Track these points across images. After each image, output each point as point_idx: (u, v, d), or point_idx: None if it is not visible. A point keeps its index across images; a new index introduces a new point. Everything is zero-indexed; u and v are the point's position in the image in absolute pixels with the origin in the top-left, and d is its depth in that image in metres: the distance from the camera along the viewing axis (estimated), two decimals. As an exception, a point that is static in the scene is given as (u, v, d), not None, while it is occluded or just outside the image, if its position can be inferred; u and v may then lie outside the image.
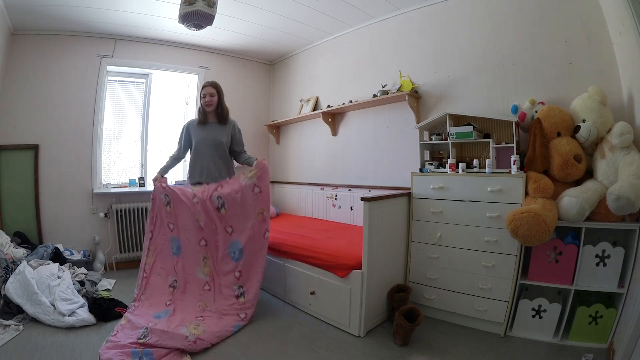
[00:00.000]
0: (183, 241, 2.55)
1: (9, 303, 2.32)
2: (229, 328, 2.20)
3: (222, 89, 2.70)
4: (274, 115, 4.66)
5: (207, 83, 2.68)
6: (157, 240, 2.60)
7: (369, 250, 2.19)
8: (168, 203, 2.56)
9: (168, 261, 2.56)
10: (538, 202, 1.97)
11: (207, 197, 2.46)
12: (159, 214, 2.60)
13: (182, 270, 2.52)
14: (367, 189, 3.32)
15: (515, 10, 2.45)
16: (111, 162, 3.82)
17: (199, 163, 2.65)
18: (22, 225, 3.21)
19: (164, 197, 2.56)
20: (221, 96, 2.68)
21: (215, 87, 2.64)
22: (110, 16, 3.13)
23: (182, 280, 2.51)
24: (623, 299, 1.84)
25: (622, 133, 1.83)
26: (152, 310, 2.34)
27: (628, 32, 1.81)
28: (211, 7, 2.40)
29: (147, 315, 2.28)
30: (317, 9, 3.15)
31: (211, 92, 2.62)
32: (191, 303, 2.40)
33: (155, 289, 2.50)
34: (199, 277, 2.50)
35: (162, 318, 2.23)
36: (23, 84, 3.23)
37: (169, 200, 2.55)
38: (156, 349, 1.91)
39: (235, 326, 2.24)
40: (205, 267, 2.50)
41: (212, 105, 2.62)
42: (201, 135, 2.64)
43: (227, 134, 2.70)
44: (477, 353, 1.98)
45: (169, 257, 2.56)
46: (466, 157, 2.61)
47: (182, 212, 2.53)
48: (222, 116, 2.68)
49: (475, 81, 2.66)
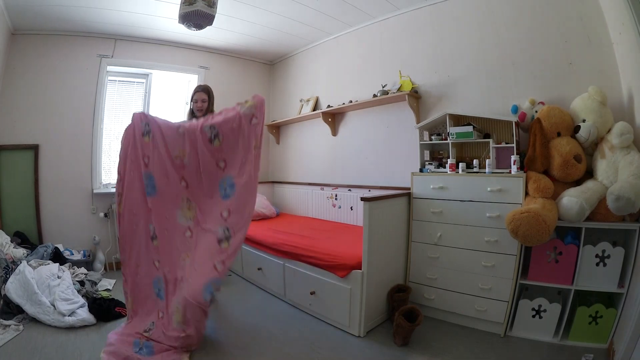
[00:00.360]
0: (159, 178, 2.18)
1: (9, 303, 2.32)
2: (199, 295, 1.88)
3: (214, 93, 2.69)
4: (274, 115, 4.66)
5: (200, 88, 2.66)
6: (127, 179, 2.23)
7: (369, 250, 2.19)
8: (147, 133, 2.22)
9: (141, 203, 2.20)
10: (538, 202, 1.97)
11: (198, 127, 2.11)
12: (133, 146, 2.25)
13: (159, 216, 2.17)
14: (367, 189, 3.32)
15: (515, 10, 2.45)
16: (111, 162, 3.82)
17: None
18: (22, 225, 3.21)
19: (144, 126, 2.23)
20: (211, 101, 2.67)
21: (207, 93, 2.63)
22: (110, 16, 3.13)
23: (159, 228, 2.16)
24: (623, 299, 1.84)
25: (622, 133, 1.83)
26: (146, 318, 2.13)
27: (628, 32, 1.81)
28: (211, 7, 2.41)
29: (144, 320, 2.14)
30: (317, 9, 3.15)
31: (202, 98, 2.61)
32: (174, 259, 2.10)
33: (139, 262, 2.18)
34: (179, 222, 2.16)
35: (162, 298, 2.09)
36: (23, 84, 3.23)
37: (149, 130, 2.22)
38: (157, 343, 1.93)
39: (206, 287, 1.88)
40: (189, 211, 2.16)
41: (203, 111, 2.62)
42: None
43: None
44: (477, 353, 1.98)
45: (141, 197, 2.20)
46: (466, 157, 2.61)
47: (163, 147, 2.19)
48: None
49: (475, 81, 2.66)
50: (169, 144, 2.17)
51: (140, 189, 2.20)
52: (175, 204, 2.18)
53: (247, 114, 2.08)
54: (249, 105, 2.10)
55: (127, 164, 2.24)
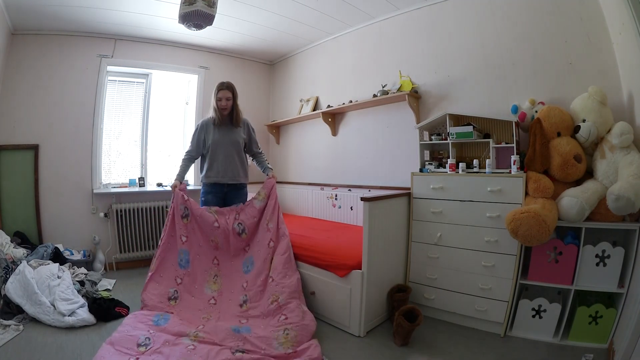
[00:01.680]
0: (193, 256, 2.56)
1: (9, 303, 2.32)
2: (227, 329, 2.14)
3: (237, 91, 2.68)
4: (274, 115, 4.66)
5: (224, 86, 2.60)
6: (164, 247, 2.54)
7: (369, 250, 2.19)
8: (186, 216, 2.57)
9: (170, 271, 2.49)
10: (538, 202, 1.97)
11: (230, 224, 2.59)
12: (173, 223, 2.57)
13: (189, 284, 2.49)
14: (367, 189, 3.32)
15: (515, 10, 2.45)
16: (111, 162, 3.82)
17: (215, 163, 2.65)
18: (22, 225, 3.21)
19: (183, 209, 2.56)
20: (236, 99, 2.65)
21: (231, 91, 2.61)
22: (110, 16, 3.13)
23: (185, 294, 2.45)
24: (623, 299, 1.84)
25: (622, 133, 1.83)
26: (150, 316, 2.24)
27: (628, 32, 1.81)
28: (211, 7, 2.40)
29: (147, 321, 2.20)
30: (317, 9, 3.15)
31: (227, 96, 2.58)
32: (193, 313, 2.34)
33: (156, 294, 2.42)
34: (205, 293, 2.50)
35: (161, 325, 2.16)
36: (23, 84, 3.23)
37: (188, 214, 2.56)
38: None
39: (233, 327, 2.17)
40: (214, 284, 2.54)
41: (228, 109, 2.61)
42: (216, 137, 2.63)
43: (243, 135, 2.73)
44: (477, 353, 1.98)
45: (172, 267, 2.51)
46: (466, 157, 2.61)
47: (198, 231, 2.59)
48: (236, 119, 2.67)
49: (475, 81, 2.66)
50: (206, 233, 2.60)
51: (174, 260, 2.53)
52: (203, 278, 2.56)
53: (261, 206, 2.70)
54: (261, 197, 2.72)
55: (167, 235, 2.56)
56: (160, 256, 2.49)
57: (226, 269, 2.60)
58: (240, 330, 2.13)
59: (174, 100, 4.17)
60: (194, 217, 2.57)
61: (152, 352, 1.87)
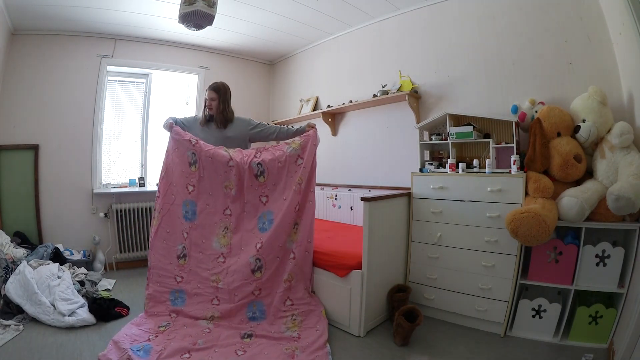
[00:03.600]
0: (202, 207, 2.36)
1: (9, 303, 2.32)
2: (241, 315, 2.20)
3: (229, 91, 2.59)
4: (274, 115, 4.66)
5: (210, 86, 2.56)
6: (165, 200, 2.39)
7: (369, 250, 2.19)
8: (194, 163, 2.35)
9: (177, 225, 2.36)
10: (538, 202, 1.97)
11: (247, 162, 2.31)
12: (177, 172, 2.38)
13: (196, 238, 2.35)
14: (367, 189, 3.32)
15: (515, 10, 2.45)
16: (111, 162, 3.82)
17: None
18: (22, 225, 3.21)
19: (190, 155, 2.35)
20: (222, 100, 2.54)
21: (216, 92, 2.52)
22: (110, 16, 3.13)
23: (193, 250, 2.34)
24: (623, 299, 1.84)
25: (622, 133, 1.83)
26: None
27: (628, 32, 1.81)
28: (211, 7, 2.40)
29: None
30: (317, 9, 3.15)
31: (212, 97, 2.52)
32: (203, 281, 2.28)
33: (162, 270, 2.37)
34: (214, 247, 2.34)
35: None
36: (23, 84, 3.23)
37: (196, 160, 2.35)
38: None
39: (247, 312, 2.20)
40: (224, 238, 2.34)
41: (213, 109, 2.55)
42: (200, 136, 2.51)
43: (229, 134, 2.58)
44: (477, 353, 1.98)
45: (177, 220, 2.37)
46: (466, 157, 2.61)
47: (210, 177, 2.35)
48: (221, 121, 2.56)
49: (475, 81, 2.66)
50: (219, 177, 2.34)
51: (178, 212, 2.37)
52: (212, 231, 2.36)
53: (292, 155, 2.34)
54: (295, 147, 2.37)
55: (169, 186, 2.40)
56: (163, 209, 2.35)
57: (239, 223, 2.35)
58: (254, 315, 2.21)
59: (173, 100, 4.17)
60: (205, 158, 2.32)
61: (170, 332, 2.03)
